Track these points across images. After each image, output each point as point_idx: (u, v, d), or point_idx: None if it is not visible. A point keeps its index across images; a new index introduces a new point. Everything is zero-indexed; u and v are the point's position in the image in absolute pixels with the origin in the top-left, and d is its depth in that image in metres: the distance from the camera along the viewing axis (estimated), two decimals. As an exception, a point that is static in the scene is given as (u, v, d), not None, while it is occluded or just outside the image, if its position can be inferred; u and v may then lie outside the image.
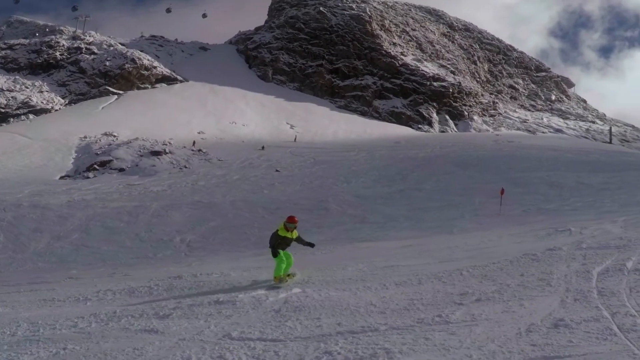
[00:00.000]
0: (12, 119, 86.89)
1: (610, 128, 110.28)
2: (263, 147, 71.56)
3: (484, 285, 11.67)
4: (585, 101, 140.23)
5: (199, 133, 78.62)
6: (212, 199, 43.86)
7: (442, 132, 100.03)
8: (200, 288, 14.63)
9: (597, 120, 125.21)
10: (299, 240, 16.50)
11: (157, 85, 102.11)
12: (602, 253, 14.40)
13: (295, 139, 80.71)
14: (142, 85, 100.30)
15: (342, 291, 12.03)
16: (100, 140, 71.37)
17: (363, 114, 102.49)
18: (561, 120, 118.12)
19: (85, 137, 72.92)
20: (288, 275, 15.55)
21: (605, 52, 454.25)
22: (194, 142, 71.22)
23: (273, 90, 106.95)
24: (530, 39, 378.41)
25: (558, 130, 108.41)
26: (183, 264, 25.25)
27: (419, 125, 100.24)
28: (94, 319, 10.91)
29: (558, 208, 35.87)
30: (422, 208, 39.53)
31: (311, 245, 17.00)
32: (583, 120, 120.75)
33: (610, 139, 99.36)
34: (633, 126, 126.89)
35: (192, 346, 8.59)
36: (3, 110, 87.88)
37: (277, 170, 58.10)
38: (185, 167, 62.38)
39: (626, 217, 24.57)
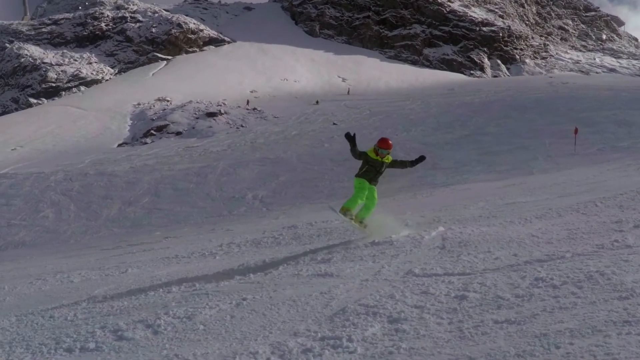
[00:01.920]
0: (64, 92, 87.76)
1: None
2: (317, 102, 71.16)
3: (630, 214, 11.04)
4: (636, 39, 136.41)
5: (251, 92, 78.51)
6: (279, 155, 43.59)
7: (495, 77, 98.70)
8: (330, 234, 13.87)
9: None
10: (395, 164, 12.70)
11: (205, 48, 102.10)
12: None
13: (348, 91, 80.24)
14: (190, 49, 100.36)
15: (489, 227, 11.42)
16: (154, 106, 71.71)
17: (414, 63, 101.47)
18: (614, 59, 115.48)
19: (138, 104, 73.32)
20: (360, 222, 12.45)
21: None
22: (247, 101, 71.06)
23: (321, 45, 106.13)
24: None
25: (612, 70, 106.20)
26: (269, 217, 24.94)
27: (471, 71, 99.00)
28: (245, 271, 10.50)
29: (632, 146, 35.08)
30: (492, 152, 38.92)
31: (420, 159, 12.91)
32: (636, 59, 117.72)
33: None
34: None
35: (381, 286, 8.14)
36: (54, 85, 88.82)
37: (334, 124, 57.67)
38: (242, 126, 62.35)
39: None
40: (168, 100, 73.57)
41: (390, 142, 12.61)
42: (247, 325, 7.22)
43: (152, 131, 62.90)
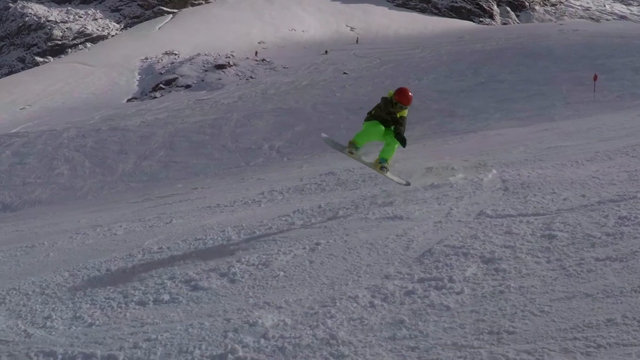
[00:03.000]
0: (70, 50, 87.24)
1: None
2: (326, 52, 70.76)
3: None
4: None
5: (259, 43, 78.06)
6: (292, 105, 43.31)
7: (504, 24, 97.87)
8: (375, 180, 13.58)
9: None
10: (397, 124, 10.84)
11: (210, 0, 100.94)
12: None
13: (357, 40, 79.78)
14: (196, 2, 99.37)
15: (543, 169, 11.27)
16: (162, 60, 71.39)
17: (422, 11, 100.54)
18: (624, 6, 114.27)
19: (146, 59, 72.96)
20: (381, 165, 11.16)
21: None
22: (256, 53, 70.72)
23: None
24: None
25: (622, 17, 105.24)
26: (293, 166, 24.70)
27: (480, 19, 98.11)
28: (304, 216, 10.28)
29: (653, 92, 34.86)
30: (508, 99, 38.58)
31: (401, 141, 10.82)
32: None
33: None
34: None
35: (458, 227, 8.06)
36: (60, 42, 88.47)
37: (344, 73, 57.37)
38: (252, 77, 62.22)
39: None
40: (176, 54, 73.23)
41: (410, 94, 10.89)
42: (330, 270, 7.10)
43: (161, 85, 62.78)
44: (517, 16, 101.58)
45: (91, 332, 6.18)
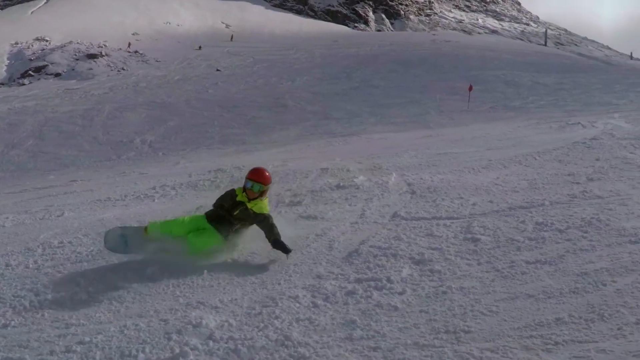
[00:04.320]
0: None
1: (546, 30, 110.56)
2: (200, 47, 69.94)
3: (574, 168, 11.45)
4: (519, 3, 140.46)
5: (133, 34, 76.21)
6: (165, 99, 42.54)
7: (379, 30, 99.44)
8: (272, 177, 13.25)
9: (531, 23, 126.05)
10: (263, 221, 7.71)
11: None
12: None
13: (232, 38, 79.22)
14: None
15: (443, 174, 11.54)
16: (32, 46, 68.58)
17: (299, 12, 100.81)
18: (496, 21, 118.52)
19: (16, 44, 69.92)
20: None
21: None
22: (129, 44, 69.00)
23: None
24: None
25: (494, 32, 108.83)
26: (169, 162, 24.27)
27: (355, 24, 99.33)
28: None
29: (523, 106, 35.88)
30: (383, 104, 39.03)
31: (283, 249, 7.34)
32: (517, 22, 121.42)
33: (546, 42, 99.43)
34: (566, 30, 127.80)
35: (375, 228, 8.18)
36: None
37: (217, 70, 56.77)
38: (123, 69, 60.72)
39: (619, 113, 24.44)
40: (47, 40, 70.47)
41: (267, 173, 8.26)
42: (256, 269, 7.04)
43: (30, 72, 60.23)
44: (392, 24, 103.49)
45: (9, 334, 5.78)
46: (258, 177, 8.07)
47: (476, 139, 18.77)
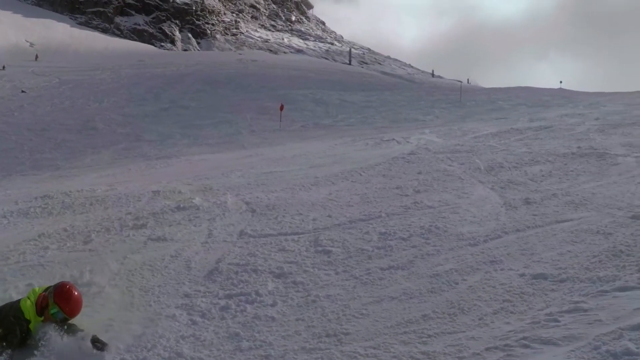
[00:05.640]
0: None
1: (350, 50, 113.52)
2: (3, 67, 67.01)
3: (399, 181, 12.18)
4: (324, 23, 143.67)
5: None
6: (-34, 124, 40.47)
7: (185, 50, 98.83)
8: (104, 202, 12.64)
9: (336, 42, 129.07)
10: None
11: None
12: (463, 155, 15.04)
13: (36, 57, 76.39)
14: None
15: (277, 192, 11.88)
16: None
17: (104, 31, 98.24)
18: (301, 41, 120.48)
19: None
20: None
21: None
22: None
23: (9, 5, 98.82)
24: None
25: (299, 51, 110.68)
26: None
27: (162, 43, 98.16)
28: (50, 240, 9.62)
29: (333, 124, 36.69)
30: (194, 125, 38.84)
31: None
32: (322, 42, 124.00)
33: (350, 61, 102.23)
34: (369, 49, 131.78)
35: (226, 246, 8.36)
36: None
37: (23, 91, 54.52)
38: None
39: (429, 129, 25.54)
40: None
41: (75, 293, 6.26)
42: (122, 294, 7.03)
43: None
44: (199, 43, 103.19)
45: None
46: (71, 311, 6.16)
47: (297, 157, 19.22)
